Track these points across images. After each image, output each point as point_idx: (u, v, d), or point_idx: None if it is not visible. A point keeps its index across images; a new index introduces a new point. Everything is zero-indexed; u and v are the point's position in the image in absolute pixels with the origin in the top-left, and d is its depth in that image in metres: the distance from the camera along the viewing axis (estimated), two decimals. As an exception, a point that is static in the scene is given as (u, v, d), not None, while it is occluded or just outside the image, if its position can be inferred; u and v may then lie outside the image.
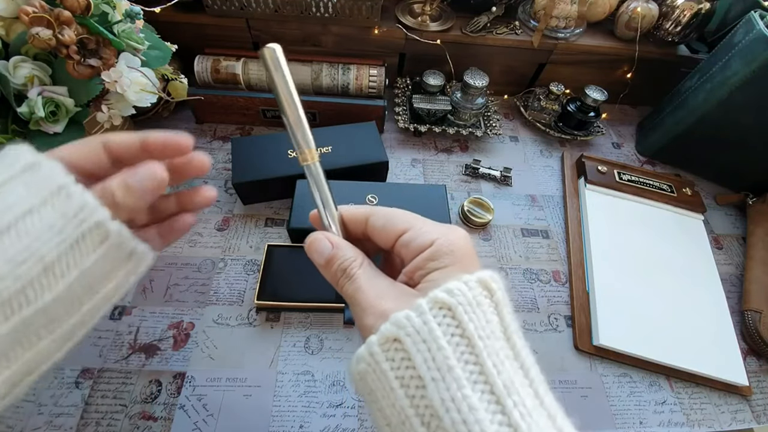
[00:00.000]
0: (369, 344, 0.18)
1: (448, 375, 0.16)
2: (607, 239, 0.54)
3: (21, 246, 0.18)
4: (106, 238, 0.20)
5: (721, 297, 0.51)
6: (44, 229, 0.19)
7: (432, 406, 0.16)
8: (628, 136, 0.72)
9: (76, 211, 0.19)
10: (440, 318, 0.18)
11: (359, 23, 0.60)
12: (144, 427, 0.38)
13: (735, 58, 0.53)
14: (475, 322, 0.18)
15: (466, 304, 0.18)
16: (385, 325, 0.18)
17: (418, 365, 0.17)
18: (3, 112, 0.37)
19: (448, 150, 0.65)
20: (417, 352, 0.17)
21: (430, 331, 0.17)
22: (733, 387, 0.45)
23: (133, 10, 0.41)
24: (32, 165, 0.20)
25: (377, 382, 0.18)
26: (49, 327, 0.19)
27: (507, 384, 0.16)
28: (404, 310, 0.18)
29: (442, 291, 0.18)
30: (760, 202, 0.59)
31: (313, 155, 0.22)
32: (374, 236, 0.23)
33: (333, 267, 0.22)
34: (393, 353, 0.17)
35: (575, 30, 0.65)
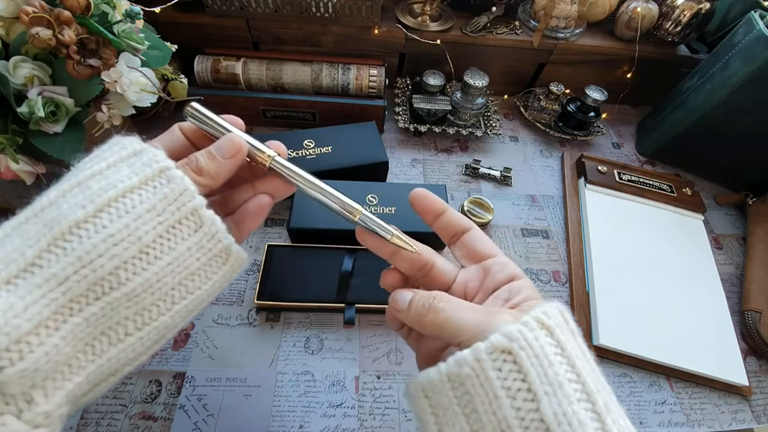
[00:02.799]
0: (476, 350, 0.18)
1: (560, 391, 0.17)
2: (607, 239, 0.54)
3: (120, 224, 0.18)
4: (200, 226, 0.21)
5: (721, 297, 0.51)
6: (144, 209, 0.19)
7: (544, 420, 0.17)
8: (628, 136, 0.72)
9: (176, 194, 0.20)
10: (545, 338, 0.18)
11: (359, 23, 0.60)
12: (144, 427, 0.38)
13: (735, 58, 0.53)
14: (571, 343, 0.19)
15: (561, 326, 0.19)
16: (495, 336, 0.18)
17: (531, 379, 0.17)
18: (3, 112, 0.37)
19: (448, 150, 0.65)
20: (531, 366, 0.17)
21: (542, 347, 0.18)
22: (733, 387, 0.45)
23: (133, 10, 0.41)
24: (138, 151, 0.20)
25: (479, 388, 0.18)
26: (137, 321, 0.19)
27: (607, 403, 0.18)
28: (515, 324, 0.18)
29: (542, 313, 0.19)
30: (760, 202, 0.59)
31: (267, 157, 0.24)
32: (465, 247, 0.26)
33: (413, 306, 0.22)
34: (501, 363, 0.18)
35: (575, 30, 0.65)
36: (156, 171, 0.20)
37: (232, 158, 0.22)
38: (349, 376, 0.42)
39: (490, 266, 0.24)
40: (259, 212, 0.25)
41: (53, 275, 0.17)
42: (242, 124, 0.25)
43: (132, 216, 0.19)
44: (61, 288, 0.17)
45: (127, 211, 0.19)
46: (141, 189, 0.19)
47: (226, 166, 0.22)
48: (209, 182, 0.22)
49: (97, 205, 0.18)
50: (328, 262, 0.46)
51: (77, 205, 0.18)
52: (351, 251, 0.46)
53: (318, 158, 0.53)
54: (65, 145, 0.39)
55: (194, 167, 0.22)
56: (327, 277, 0.45)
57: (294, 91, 0.61)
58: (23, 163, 0.39)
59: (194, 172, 0.22)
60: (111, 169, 0.20)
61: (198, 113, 0.24)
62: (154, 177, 0.20)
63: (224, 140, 0.23)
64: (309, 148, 0.53)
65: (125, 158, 0.20)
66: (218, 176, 0.22)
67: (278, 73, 0.59)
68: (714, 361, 0.45)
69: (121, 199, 0.19)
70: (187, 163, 0.22)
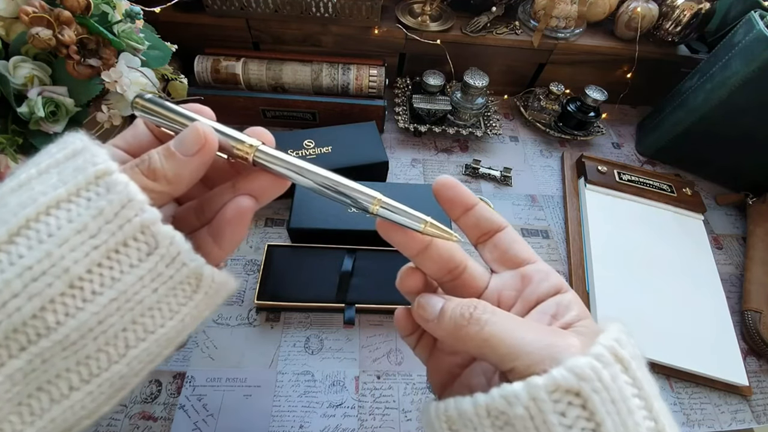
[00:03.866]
0: (533, 387, 0.14)
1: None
2: (607, 239, 0.54)
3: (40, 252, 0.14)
4: (154, 247, 0.16)
5: (721, 297, 0.51)
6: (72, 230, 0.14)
7: None
8: (628, 136, 0.72)
9: (116, 208, 0.15)
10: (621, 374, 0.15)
11: (359, 23, 0.60)
12: (144, 427, 0.38)
13: (735, 58, 0.53)
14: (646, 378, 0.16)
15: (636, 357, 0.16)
16: (559, 371, 0.14)
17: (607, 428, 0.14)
18: (3, 112, 0.37)
19: (448, 150, 0.65)
20: (607, 414, 0.14)
21: (620, 390, 0.14)
22: (733, 387, 0.45)
23: (133, 10, 0.41)
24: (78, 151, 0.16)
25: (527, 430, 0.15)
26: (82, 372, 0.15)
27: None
28: (586, 357, 0.15)
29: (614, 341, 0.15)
30: (760, 202, 0.59)
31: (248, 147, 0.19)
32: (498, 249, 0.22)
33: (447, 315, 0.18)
34: (565, 407, 0.14)
35: (575, 30, 0.65)
36: (90, 177, 0.15)
37: (197, 154, 0.17)
38: (349, 376, 0.42)
39: (531, 274, 0.21)
40: (238, 219, 0.18)
41: None
42: (211, 114, 0.20)
43: (56, 241, 0.14)
44: None
45: (50, 234, 0.14)
46: (70, 203, 0.15)
47: (189, 165, 0.17)
48: (166, 188, 0.17)
49: (10, 227, 0.14)
50: (328, 262, 0.46)
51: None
52: (351, 251, 0.46)
53: (318, 158, 0.53)
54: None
55: (145, 169, 0.16)
56: (327, 277, 0.45)
57: (294, 91, 0.61)
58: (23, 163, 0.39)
59: (145, 175, 0.16)
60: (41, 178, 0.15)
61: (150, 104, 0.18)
62: (88, 185, 0.15)
63: (185, 131, 0.17)
64: (309, 148, 0.53)
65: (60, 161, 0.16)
66: (179, 179, 0.17)
67: (278, 73, 0.59)
68: (714, 361, 0.45)
69: (44, 218, 0.14)
70: (138, 164, 0.17)
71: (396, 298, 0.44)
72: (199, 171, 0.18)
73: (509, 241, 0.22)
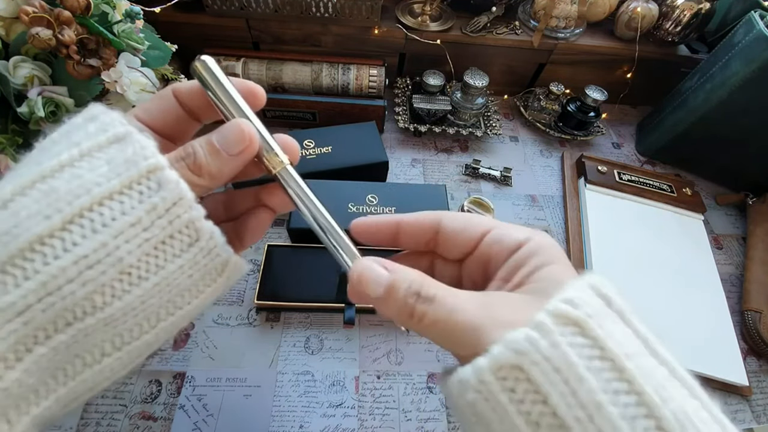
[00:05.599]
0: (478, 370, 0.14)
1: (597, 414, 0.13)
2: (607, 239, 0.54)
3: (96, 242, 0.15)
4: (196, 239, 0.17)
5: (721, 297, 0.51)
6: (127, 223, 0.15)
7: None
8: (628, 136, 0.72)
9: (168, 204, 0.16)
10: (570, 337, 0.14)
11: (359, 23, 0.60)
12: (144, 427, 0.38)
13: (735, 58, 0.53)
14: (614, 337, 0.14)
15: (596, 315, 0.14)
16: (498, 349, 0.14)
17: (554, 403, 0.13)
18: (3, 112, 0.37)
19: (448, 150, 0.65)
20: (551, 385, 0.13)
21: (564, 357, 0.13)
22: (733, 387, 0.45)
23: (133, 10, 0.41)
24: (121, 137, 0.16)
25: (493, 414, 0.14)
26: (116, 341, 0.16)
27: (679, 415, 0.13)
28: (522, 329, 0.14)
29: (563, 302, 0.14)
30: (760, 202, 0.59)
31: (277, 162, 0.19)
32: (449, 241, 0.20)
33: (399, 294, 0.16)
34: (513, 383, 0.14)
35: (575, 30, 0.65)
36: (143, 171, 0.16)
37: (239, 155, 0.18)
38: (349, 376, 0.42)
39: (489, 244, 0.19)
40: (259, 229, 0.21)
41: (9, 304, 0.14)
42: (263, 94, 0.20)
43: (111, 232, 0.15)
44: (20, 318, 0.14)
45: (104, 224, 0.15)
46: (123, 195, 0.15)
47: (231, 164, 0.18)
48: (209, 183, 0.18)
49: (65, 215, 0.15)
50: (328, 262, 0.46)
51: (40, 213, 0.14)
52: (351, 251, 0.46)
53: (318, 158, 0.53)
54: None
55: (191, 164, 0.17)
56: (327, 277, 0.45)
57: (294, 91, 0.61)
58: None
59: (191, 170, 0.17)
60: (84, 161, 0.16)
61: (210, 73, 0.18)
62: (140, 179, 0.16)
63: (231, 129, 0.18)
64: (309, 148, 0.53)
65: (103, 145, 0.16)
66: (220, 176, 0.18)
67: (278, 73, 0.59)
68: (714, 361, 0.45)
69: (97, 207, 0.15)
70: (184, 157, 0.17)
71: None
72: (238, 169, 0.18)
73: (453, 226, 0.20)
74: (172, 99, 0.19)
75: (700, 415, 0.13)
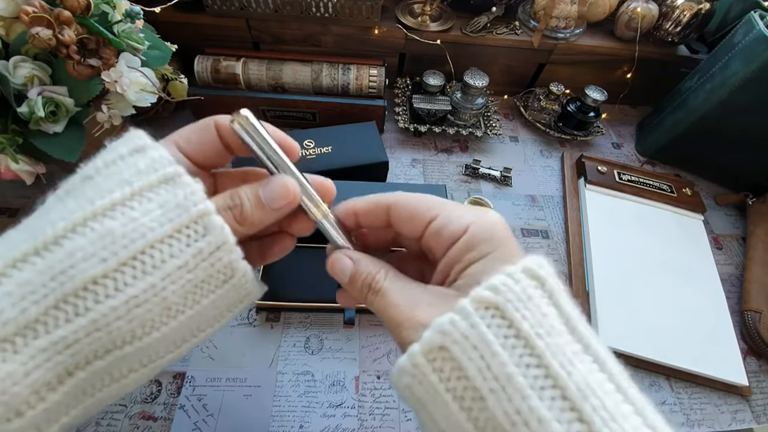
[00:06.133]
0: (411, 355, 0.16)
1: (509, 385, 0.14)
2: (607, 239, 0.54)
3: (145, 284, 0.16)
4: (230, 277, 0.18)
5: (721, 297, 0.51)
6: (174, 266, 0.16)
7: (494, 419, 0.14)
8: (628, 136, 0.72)
9: (212, 249, 0.17)
10: (489, 319, 0.15)
11: (359, 23, 0.60)
12: (144, 427, 0.38)
13: (735, 58, 0.53)
14: (529, 319, 0.15)
15: (515, 300, 0.16)
16: (427, 333, 0.16)
17: (471, 376, 0.15)
18: (3, 112, 0.37)
19: (448, 150, 0.65)
20: (468, 360, 0.15)
21: (480, 336, 0.15)
22: (733, 387, 0.45)
23: (133, 10, 0.41)
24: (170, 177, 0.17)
25: (427, 395, 0.16)
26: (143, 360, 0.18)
27: (581, 385, 0.14)
28: (447, 314, 0.16)
29: (486, 288, 0.16)
30: (760, 202, 0.59)
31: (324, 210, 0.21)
32: (400, 227, 0.21)
33: (357, 284, 0.20)
34: (441, 363, 0.16)
35: (575, 30, 0.65)
36: (193, 216, 0.17)
37: (282, 210, 0.19)
38: (349, 376, 0.42)
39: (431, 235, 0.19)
40: (282, 253, 0.23)
41: (61, 338, 0.15)
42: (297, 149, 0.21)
43: (160, 274, 0.16)
44: (69, 351, 0.15)
45: (154, 266, 0.16)
46: (173, 238, 0.16)
47: (273, 216, 0.19)
48: (248, 231, 0.19)
49: (120, 258, 0.15)
50: (328, 262, 0.46)
51: (96, 255, 0.15)
52: (351, 251, 0.46)
53: (318, 158, 0.53)
54: (65, 145, 0.39)
55: (238, 216, 0.18)
56: (327, 277, 0.44)
57: (294, 91, 0.61)
58: (23, 163, 0.39)
59: (237, 221, 0.18)
60: (136, 201, 0.16)
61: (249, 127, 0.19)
62: (189, 223, 0.17)
63: (277, 186, 0.19)
64: (309, 148, 0.53)
65: (154, 185, 0.17)
66: (260, 226, 0.19)
67: (278, 73, 0.59)
68: (714, 361, 0.45)
69: (149, 250, 0.16)
70: (231, 207, 0.18)
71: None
72: (278, 219, 0.20)
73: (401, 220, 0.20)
74: (214, 132, 0.20)
75: (604, 387, 0.14)
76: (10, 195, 0.51)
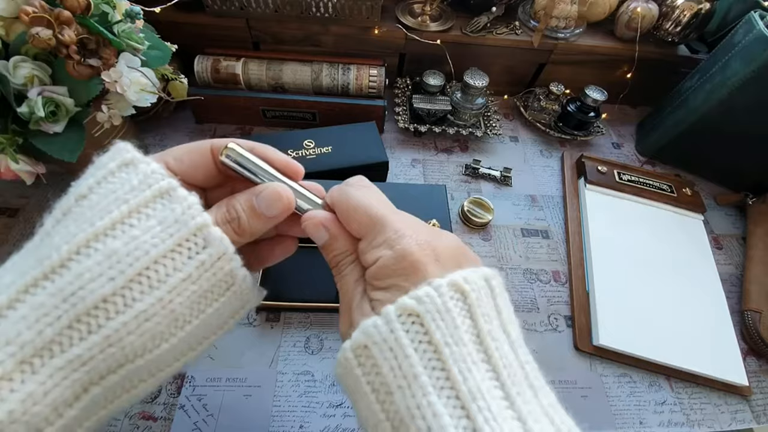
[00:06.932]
0: (343, 350, 0.18)
1: (414, 383, 0.16)
2: (607, 239, 0.54)
3: (153, 298, 0.17)
4: (231, 285, 0.19)
5: (721, 297, 0.51)
6: (179, 279, 0.17)
7: (399, 412, 0.16)
8: (628, 136, 0.72)
9: (214, 260, 0.18)
10: (408, 325, 0.17)
11: (359, 23, 0.60)
12: (144, 427, 0.38)
13: (735, 59, 0.53)
14: (442, 329, 0.17)
15: (434, 311, 0.17)
16: (356, 333, 0.18)
17: (384, 373, 0.17)
18: (3, 112, 0.37)
19: (448, 150, 0.65)
20: (384, 360, 0.17)
21: (397, 340, 0.17)
22: (733, 387, 0.45)
23: (133, 10, 0.41)
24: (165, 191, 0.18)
25: (352, 386, 0.18)
26: (152, 369, 0.18)
27: (473, 389, 0.16)
28: (372, 318, 0.18)
29: (411, 298, 0.17)
30: (760, 202, 0.59)
31: None
32: None
33: (328, 256, 0.22)
34: (364, 359, 0.18)
35: (575, 30, 0.65)
36: (192, 230, 0.18)
37: (277, 217, 0.20)
38: (348, 376, 0.42)
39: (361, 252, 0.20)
40: (284, 256, 0.24)
41: (76, 357, 0.16)
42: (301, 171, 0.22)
43: (166, 288, 0.17)
44: (85, 368, 0.16)
45: (160, 281, 0.17)
46: (175, 252, 0.17)
47: (268, 224, 0.20)
48: (247, 240, 0.20)
49: (127, 276, 0.16)
50: (328, 262, 0.46)
51: (103, 275, 0.16)
52: (351, 251, 0.46)
53: (318, 158, 0.53)
54: (65, 145, 0.39)
55: (237, 228, 0.19)
56: (327, 277, 0.44)
57: (294, 91, 0.61)
58: (23, 163, 0.39)
59: (236, 232, 0.19)
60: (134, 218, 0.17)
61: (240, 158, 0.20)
62: (189, 236, 0.18)
63: (271, 192, 0.20)
64: (309, 148, 0.53)
65: (149, 201, 0.17)
66: (259, 234, 0.20)
67: (278, 73, 0.59)
68: (714, 361, 0.45)
69: (153, 266, 0.17)
70: (228, 220, 0.19)
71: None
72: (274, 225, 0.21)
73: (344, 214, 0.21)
74: (209, 156, 0.21)
75: (492, 393, 0.16)
76: (10, 195, 0.51)
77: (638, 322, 0.47)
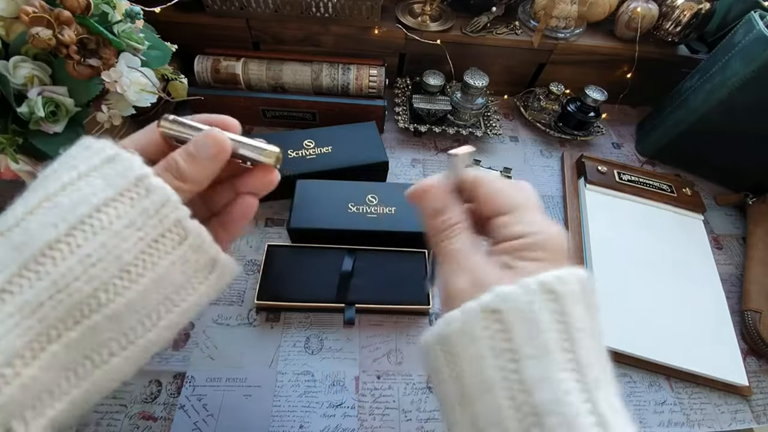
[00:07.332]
0: (467, 310, 0.18)
1: (546, 357, 0.16)
2: (607, 239, 0.54)
3: (97, 243, 0.17)
4: (184, 238, 0.19)
5: (721, 297, 0.51)
6: (122, 225, 0.17)
7: (524, 381, 0.16)
8: (628, 136, 0.72)
9: (157, 206, 0.18)
10: (547, 302, 0.17)
11: (359, 23, 0.60)
12: (144, 427, 0.38)
13: (735, 59, 0.53)
14: (576, 313, 0.18)
15: (574, 293, 0.18)
16: (487, 296, 0.18)
17: (518, 340, 0.17)
18: (3, 112, 0.37)
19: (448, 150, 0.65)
20: (520, 327, 0.17)
21: (536, 312, 0.17)
22: (733, 387, 0.45)
23: (133, 10, 0.41)
24: (111, 158, 0.19)
25: (466, 348, 0.18)
26: (122, 341, 0.18)
27: (598, 378, 0.17)
28: (511, 285, 0.18)
29: (554, 276, 0.18)
30: (760, 202, 0.59)
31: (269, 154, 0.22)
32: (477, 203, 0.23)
33: (437, 220, 0.22)
34: (490, 323, 0.17)
35: (575, 30, 0.65)
36: (132, 180, 0.18)
37: (214, 157, 0.20)
38: (349, 376, 0.42)
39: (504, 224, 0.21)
40: (246, 215, 0.23)
41: (26, 302, 0.16)
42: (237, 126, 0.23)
43: (109, 233, 0.17)
44: (36, 315, 0.16)
45: (103, 228, 0.17)
46: (117, 202, 0.18)
47: (208, 167, 0.20)
48: (192, 188, 0.20)
49: (70, 223, 0.17)
50: (328, 262, 0.46)
51: (48, 224, 0.17)
52: (351, 251, 0.46)
53: (318, 158, 0.53)
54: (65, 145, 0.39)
55: (175, 172, 0.20)
56: (327, 277, 0.45)
57: (294, 91, 0.61)
58: (23, 163, 0.39)
59: (175, 177, 0.19)
60: (83, 180, 0.18)
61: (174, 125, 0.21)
62: (130, 188, 0.18)
63: (203, 136, 0.20)
64: (309, 148, 0.53)
65: (97, 166, 0.18)
66: (202, 180, 0.20)
67: (278, 73, 0.59)
68: (714, 361, 0.45)
69: (96, 214, 0.17)
70: (167, 168, 0.20)
71: (396, 298, 0.44)
72: (216, 173, 0.21)
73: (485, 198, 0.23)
74: (156, 131, 0.22)
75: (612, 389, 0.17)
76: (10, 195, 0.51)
77: (638, 321, 0.47)
